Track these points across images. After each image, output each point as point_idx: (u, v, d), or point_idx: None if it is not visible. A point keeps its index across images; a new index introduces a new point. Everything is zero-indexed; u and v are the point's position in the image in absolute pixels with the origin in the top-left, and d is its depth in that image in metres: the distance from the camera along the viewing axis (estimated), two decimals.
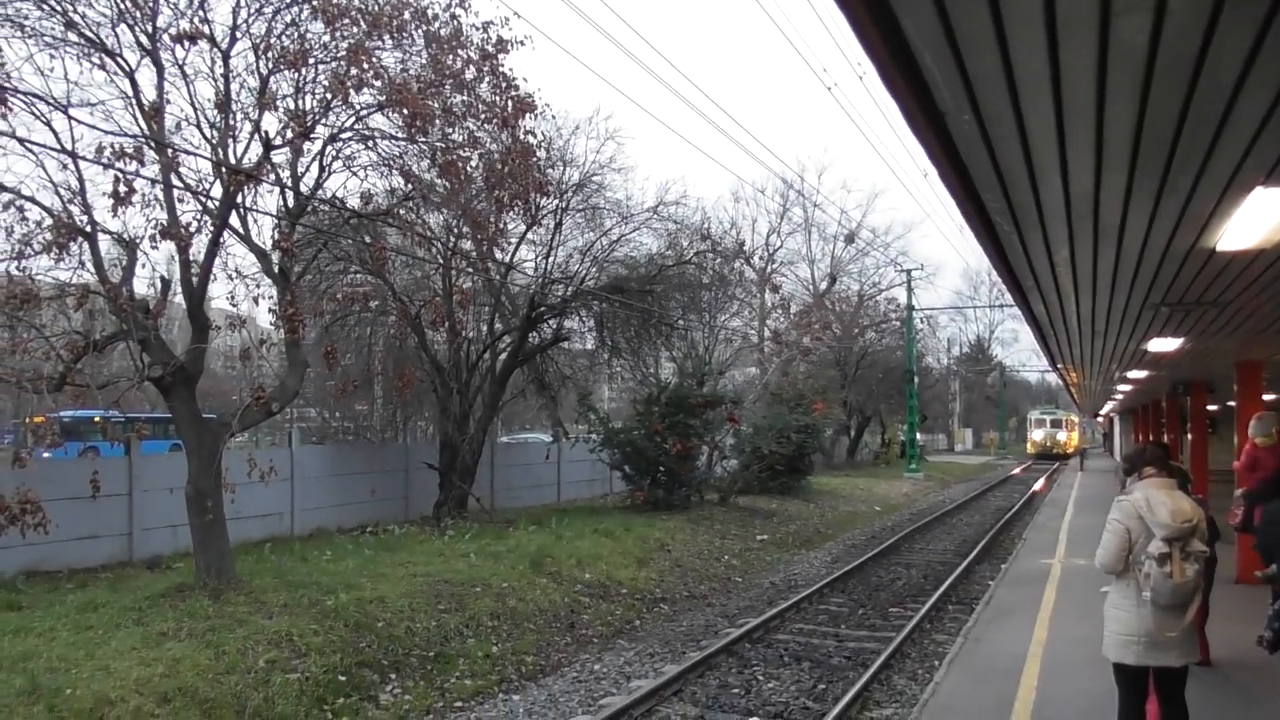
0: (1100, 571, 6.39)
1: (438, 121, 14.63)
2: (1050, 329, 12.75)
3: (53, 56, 11.86)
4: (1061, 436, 71.91)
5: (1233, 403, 15.77)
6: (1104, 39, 3.41)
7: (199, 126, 13.10)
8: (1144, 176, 5.08)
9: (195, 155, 12.96)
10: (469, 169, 15.86)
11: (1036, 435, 73.09)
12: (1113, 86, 3.85)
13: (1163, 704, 6.29)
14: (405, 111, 13.61)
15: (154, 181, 12.09)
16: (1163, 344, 12.97)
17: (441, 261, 19.86)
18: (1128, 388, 25.55)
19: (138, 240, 12.38)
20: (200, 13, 12.72)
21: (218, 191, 12.85)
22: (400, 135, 14.52)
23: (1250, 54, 3.52)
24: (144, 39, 12.31)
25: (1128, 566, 6.10)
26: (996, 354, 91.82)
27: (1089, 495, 30.97)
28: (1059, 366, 21.24)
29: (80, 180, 11.95)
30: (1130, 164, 4.87)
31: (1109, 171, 5.00)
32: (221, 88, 12.93)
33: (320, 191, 14.60)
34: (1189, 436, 22.26)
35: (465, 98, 15.32)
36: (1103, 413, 55.48)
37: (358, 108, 13.85)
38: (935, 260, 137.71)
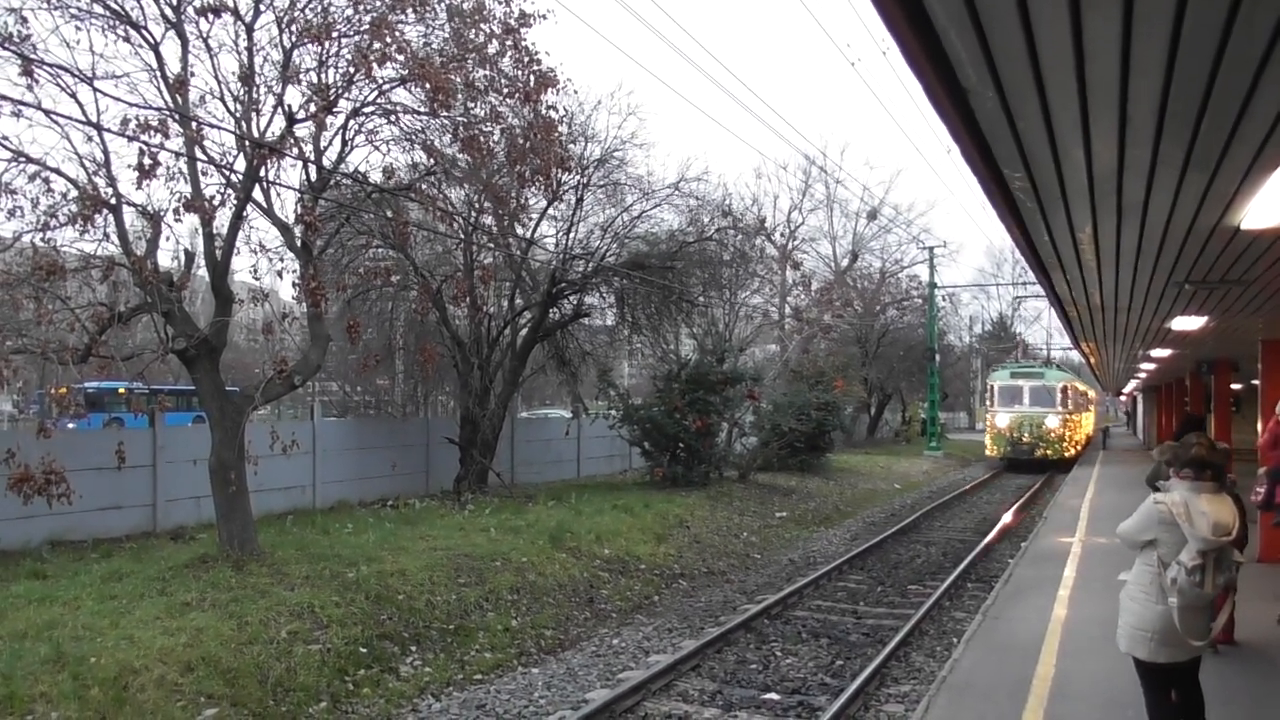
0: (1120, 544, 6.36)
1: (460, 96, 14.59)
2: (1073, 307, 12.68)
3: (78, 28, 11.88)
4: (1053, 422, 38.31)
5: (1256, 381, 15.65)
6: (1128, 11, 3.37)
7: (223, 100, 13.14)
8: (1168, 153, 5.04)
9: (219, 128, 13.00)
10: (491, 144, 15.85)
11: (1001, 419, 39.26)
12: (1137, 61, 3.81)
13: (1177, 691, 6.23)
14: (428, 86, 13.58)
15: (178, 154, 12.14)
16: (1186, 322, 12.88)
17: (463, 237, 19.88)
18: (1151, 366, 25.38)
19: (162, 213, 12.48)
20: None
21: (241, 165, 12.90)
22: (422, 110, 14.50)
23: (1278, 27, 3.47)
24: (169, 11, 12.35)
25: (1152, 555, 5.98)
26: (1019, 332, 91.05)
27: (1111, 473, 30.80)
28: (1081, 344, 21.12)
29: (105, 152, 12.06)
30: (1154, 141, 4.83)
31: (1132, 148, 4.96)
32: (245, 61, 12.95)
33: (343, 166, 14.61)
34: (1212, 415, 22.11)
35: (488, 72, 15.27)
36: (1125, 391, 54.71)
37: (380, 82, 13.83)
38: (958, 238, 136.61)
